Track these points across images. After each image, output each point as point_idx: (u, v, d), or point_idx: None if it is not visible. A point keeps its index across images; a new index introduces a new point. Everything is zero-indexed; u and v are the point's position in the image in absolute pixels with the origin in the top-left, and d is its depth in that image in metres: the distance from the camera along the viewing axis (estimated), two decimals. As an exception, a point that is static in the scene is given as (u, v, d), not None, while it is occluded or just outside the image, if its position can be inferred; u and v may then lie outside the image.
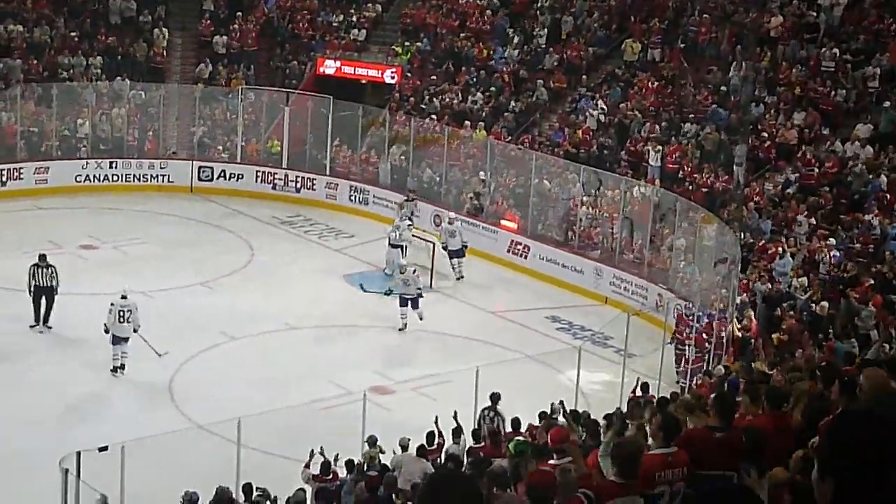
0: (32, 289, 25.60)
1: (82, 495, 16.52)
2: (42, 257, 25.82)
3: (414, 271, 27.02)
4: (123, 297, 23.97)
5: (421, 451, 17.64)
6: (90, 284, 27.79)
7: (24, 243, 28.69)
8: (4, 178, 35.04)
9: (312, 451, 17.72)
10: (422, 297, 26.80)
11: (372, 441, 18.12)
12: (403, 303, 26.73)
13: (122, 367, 23.69)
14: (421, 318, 26.68)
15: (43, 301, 25.68)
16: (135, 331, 23.85)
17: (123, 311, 23.78)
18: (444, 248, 30.52)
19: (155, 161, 36.98)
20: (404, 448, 17.67)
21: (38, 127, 36.99)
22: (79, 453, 16.64)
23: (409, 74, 39.11)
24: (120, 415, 21.19)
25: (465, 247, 30.63)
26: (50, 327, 25.62)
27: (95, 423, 20.45)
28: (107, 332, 23.75)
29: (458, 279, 30.33)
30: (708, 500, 3.33)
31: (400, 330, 26.46)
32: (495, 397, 19.69)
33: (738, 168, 30.88)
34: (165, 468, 18.22)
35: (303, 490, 16.74)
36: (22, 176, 35.28)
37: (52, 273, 25.59)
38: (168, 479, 17.54)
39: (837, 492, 3.42)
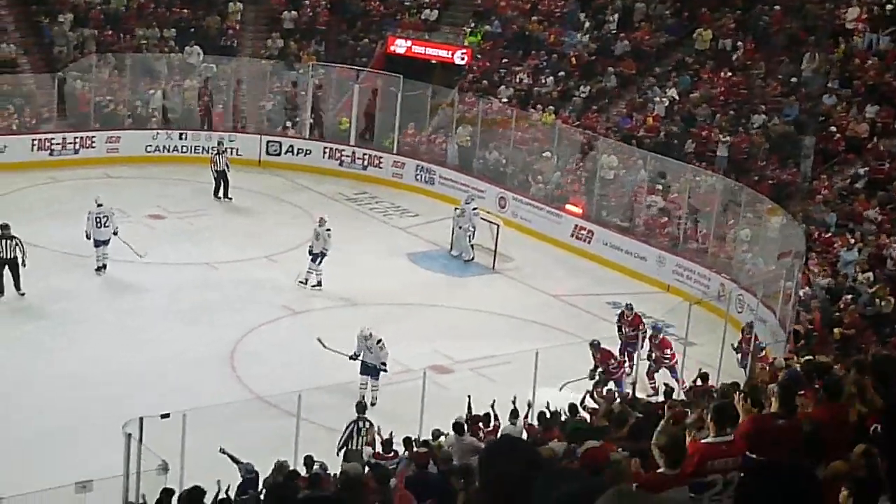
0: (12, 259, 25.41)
1: (144, 460, 16.77)
2: (4, 227, 25.51)
3: (378, 342, 22.02)
4: (99, 205, 27.14)
5: (462, 429, 17.60)
6: (156, 254, 28.16)
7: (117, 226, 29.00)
8: (77, 147, 35.49)
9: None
10: (384, 370, 22.01)
11: (435, 435, 18.20)
12: (364, 370, 22.03)
13: (104, 266, 27.12)
14: (373, 392, 22.05)
15: (6, 272, 25.41)
16: (115, 234, 27.15)
17: (100, 218, 27.02)
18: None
19: (224, 134, 37.26)
20: (458, 428, 17.73)
21: (112, 96, 37.41)
22: (141, 419, 16.88)
23: (478, 56, 39.13)
24: (182, 383, 21.40)
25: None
26: (23, 294, 25.47)
27: (157, 391, 20.68)
28: (88, 238, 26.95)
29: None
30: (766, 478, 3.32)
31: (368, 405, 20.67)
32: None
33: (805, 160, 30.68)
34: (224, 438, 18.39)
35: (359, 465, 16.88)
36: (94, 144, 35.72)
37: (17, 244, 25.35)
38: (229, 450, 17.72)
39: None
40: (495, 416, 19.04)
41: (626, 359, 23.24)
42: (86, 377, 21.80)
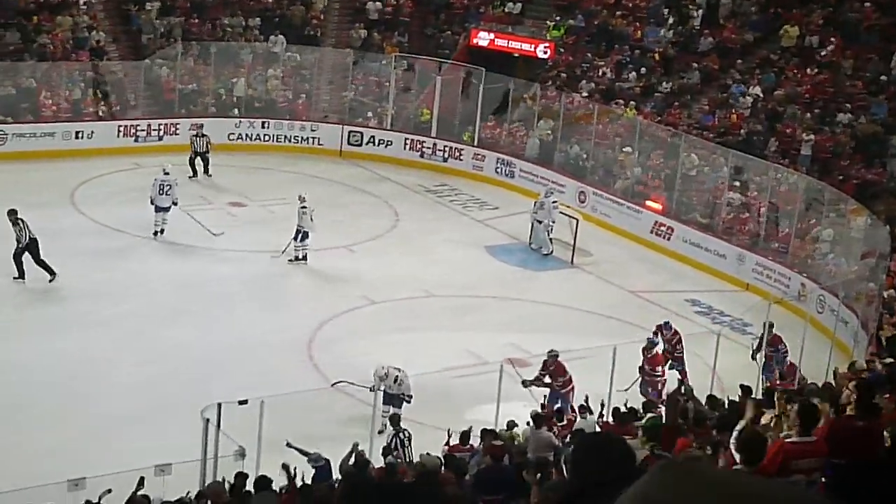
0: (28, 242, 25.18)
1: (221, 445, 16.94)
2: (12, 212, 25.39)
3: (396, 379, 20.35)
4: (166, 173, 28.66)
5: (539, 421, 17.61)
6: (236, 241, 28.45)
7: (181, 196, 29.26)
8: (161, 133, 35.91)
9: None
10: (407, 402, 20.33)
11: (510, 426, 18.20)
12: (387, 400, 20.34)
13: (162, 231, 28.45)
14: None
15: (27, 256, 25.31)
16: (174, 204, 28.47)
17: (164, 185, 28.36)
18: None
19: (306, 123, 37.55)
20: (535, 422, 17.73)
21: (196, 84, 37.81)
22: (220, 405, 17.07)
23: (561, 50, 39.05)
24: (260, 370, 21.58)
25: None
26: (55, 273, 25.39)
27: (236, 377, 20.87)
28: (151, 203, 28.40)
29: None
30: (855, 480, 3.17)
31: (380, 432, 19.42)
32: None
33: (892, 160, 30.28)
34: (301, 425, 18.55)
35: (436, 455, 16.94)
36: (178, 131, 36.10)
37: (25, 226, 25.24)
38: (303, 436, 17.85)
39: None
40: (571, 410, 19.01)
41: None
42: (167, 362, 22.06)
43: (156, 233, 28.51)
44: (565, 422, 18.79)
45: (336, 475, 16.13)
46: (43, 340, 22.44)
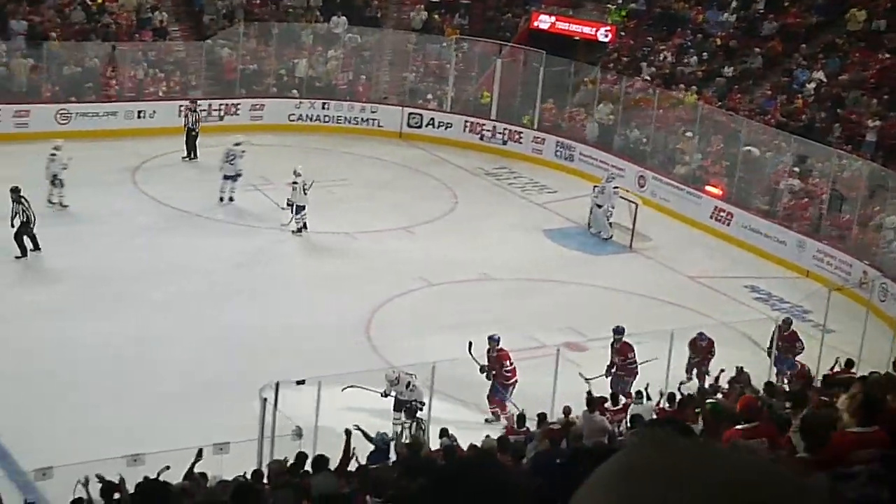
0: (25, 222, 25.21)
1: (278, 425, 17.05)
2: (15, 189, 25.36)
3: (408, 385, 19.46)
4: (236, 144, 29.89)
5: (593, 405, 17.56)
6: (309, 222, 28.61)
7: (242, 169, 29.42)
8: (222, 114, 36.11)
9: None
10: (420, 409, 19.22)
11: (566, 412, 18.17)
12: (398, 406, 19.62)
13: (231, 199, 29.67)
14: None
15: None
16: (238, 175, 29.67)
17: (230, 154, 29.60)
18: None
19: (366, 105, 37.61)
20: (589, 406, 17.70)
21: (257, 65, 37.97)
22: (277, 384, 17.18)
23: (622, 34, 38.86)
24: (317, 351, 21.67)
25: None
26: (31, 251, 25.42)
27: (294, 357, 20.97)
28: (220, 170, 29.66)
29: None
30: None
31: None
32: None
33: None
34: (357, 407, 18.62)
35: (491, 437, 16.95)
36: (238, 112, 36.31)
37: (27, 205, 25.29)
38: (359, 417, 17.92)
39: None
40: (629, 395, 18.97)
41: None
42: (225, 341, 22.20)
43: (221, 199, 29.45)
44: (620, 406, 18.74)
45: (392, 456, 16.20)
46: (102, 319, 22.65)
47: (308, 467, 14.28)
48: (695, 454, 1.47)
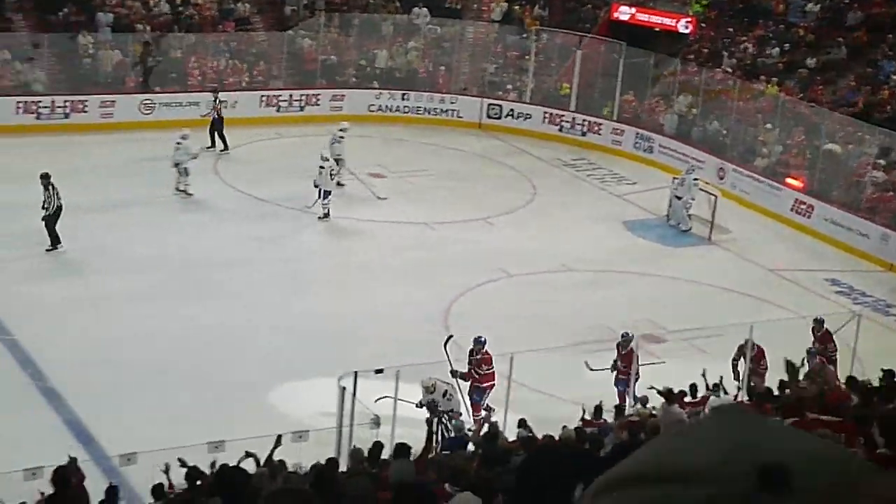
0: (55, 210, 25.07)
1: (357, 413, 17.23)
2: (45, 176, 25.19)
3: (445, 393, 18.63)
4: (341, 130, 30.54)
5: (671, 397, 17.55)
6: (374, 212, 28.78)
7: (316, 167, 29.64)
8: (303, 104, 36.40)
9: None
10: (456, 419, 18.40)
11: (643, 401, 18.17)
12: (433, 414, 18.44)
13: (339, 184, 29.71)
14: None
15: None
16: (337, 160, 29.76)
17: (333, 137, 30.17)
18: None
19: (445, 96, 37.72)
20: (667, 398, 17.68)
21: (338, 55, 38.21)
22: (356, 373, 17.34)
23: (703, 25, 38.61)
24: (395, 340, 21.81)
25: None
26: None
27: (372, 346, 21.13)
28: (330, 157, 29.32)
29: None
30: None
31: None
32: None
33: None
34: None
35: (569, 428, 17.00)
36: (319, 102, 36.58)
37: (53, 192, 25.06)
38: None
39: None
40: (705, 388, 18.92)
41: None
42: (304, 330, 22.41)
43: (338, 183, 29.74)
44: (698, 398, 18.70)
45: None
46: (183, 307, 22.95)
47: (388, 456, 14.40)
48: (742, 423, 1.54)
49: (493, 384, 19.56)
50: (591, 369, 19.60)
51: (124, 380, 19.75)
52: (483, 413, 19.35)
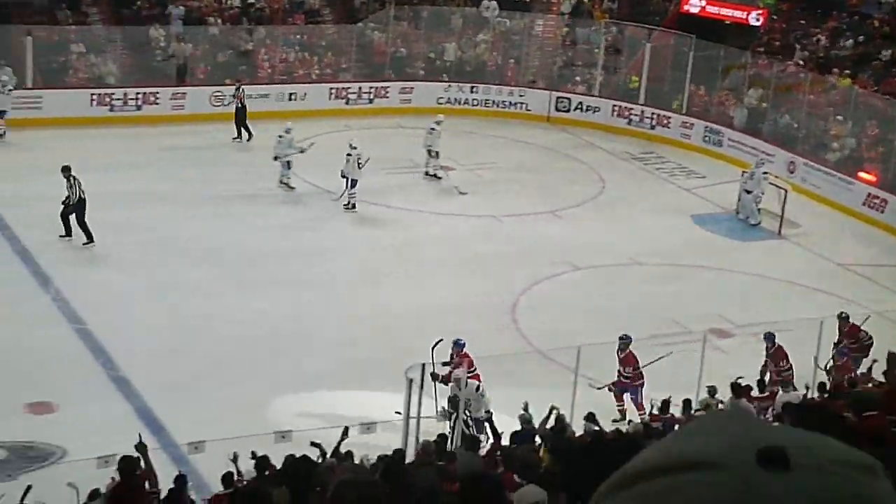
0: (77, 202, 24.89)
1: (424, 405, 17.30)
2: (66, 168, 25.07)
3: (477, 388, 18.23)
4: (437, 123, 30.44)
5: (739, 391, 17.48)
6: (443, 204, 28.84)
7: (387, 160, 29.79)
8: (372, 96, 36.53)
9: None
10: (490, 420, 17.72)
11: (712, 392, 18.10)
12: (480, 425, 17.91)
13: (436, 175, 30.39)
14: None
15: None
16: (429, 150, 30.25)
17: (433, 129, 30.25)
18: None
19: (514, 88, 37.70)
20: (735, 392, 17.61)
21: (407, 48, 38.30)
22: (423, 365, 17.41)
23: (774, 17, 38.28)
24: (463, 333, 21.79)
25: None
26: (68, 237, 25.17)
27: (433, 337, 21.10)
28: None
29: None
30: None
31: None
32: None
33: None
34: (502, 389, 18.73)
35: (636, 422, 16.97)
36: (388, 94, 36.70)
37: (74, 184, 24.90)
38: (504, 399, 18.05)
39: None
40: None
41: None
42: (371, 322, 22.52)
43: (426, 173, 30.17)
44: (766, 394, 18.60)
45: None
46: (252, 297, 23.11)
47: (454, 448, 14.47)
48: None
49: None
50: (597, 388, 19.12)
51: (194, 368, 19.95)
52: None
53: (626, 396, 19.81)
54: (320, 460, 13.96)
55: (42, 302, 22.46)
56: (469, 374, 18.37)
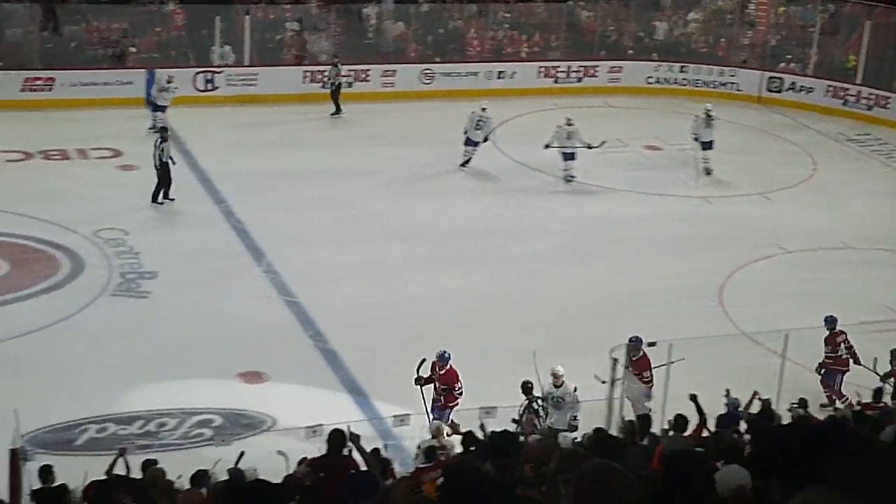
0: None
1: (627, 385, 17.22)
2: (163, 129, 26.17)
3: (574, 389, 17.70)
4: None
5: None
6: (649, 184, 28.62)
7: (596, 140, 29.54)
8: (580, 75, 36.43)
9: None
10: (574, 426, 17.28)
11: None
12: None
13: (465, 164, 29.11)
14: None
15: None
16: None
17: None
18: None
19: (725, 68, 37.12)
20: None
21: (616, 27, 38.07)
22: (627, 345, 17.33)
23: None
24: (668, 314, 21.64)
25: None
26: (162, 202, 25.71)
27: (643, 319, 21.00)
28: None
29: None
30: None
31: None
32: None
33: None
34: (706, 371, 18.51)
35: (843, 409, 16.60)
36: (597, 74, 36.54)
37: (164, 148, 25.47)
38: (708, 381, 17.83)
39: None
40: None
41: None
42: (574, 301, 22.49)
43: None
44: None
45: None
46: (456, 274, 23.31)
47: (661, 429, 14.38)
48: None
49: (457, 404, 17.63)
50: (603, 381, 18.32)
51: (399, 342, 20.16)
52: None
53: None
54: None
55: (254, 274, 23.06)
56: (456, 391, 17.64)
